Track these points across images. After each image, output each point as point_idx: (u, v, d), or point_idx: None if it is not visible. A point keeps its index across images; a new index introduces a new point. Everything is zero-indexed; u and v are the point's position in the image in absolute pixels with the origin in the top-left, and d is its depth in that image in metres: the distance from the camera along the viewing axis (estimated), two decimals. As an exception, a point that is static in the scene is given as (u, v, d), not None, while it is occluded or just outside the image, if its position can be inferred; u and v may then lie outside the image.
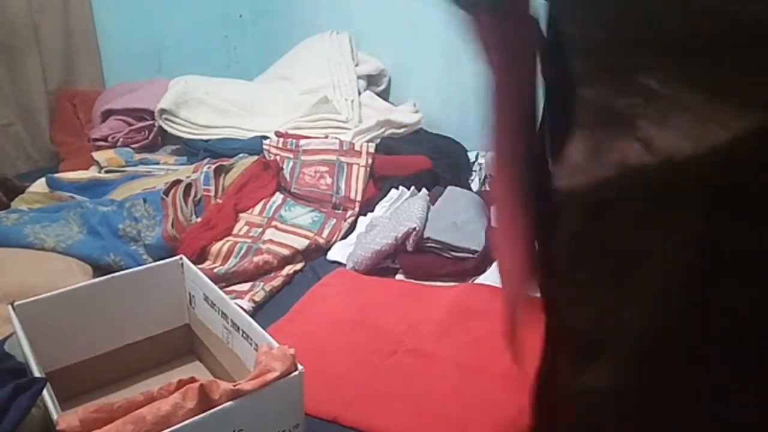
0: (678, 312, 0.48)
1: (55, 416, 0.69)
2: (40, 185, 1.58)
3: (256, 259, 1.29)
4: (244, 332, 0.88)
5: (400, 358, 1.05)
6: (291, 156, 1.63)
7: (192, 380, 0.73)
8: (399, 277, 1.30)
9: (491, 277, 1.25)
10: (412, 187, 1.54)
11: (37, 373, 0.77)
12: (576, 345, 0.55)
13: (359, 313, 1.16)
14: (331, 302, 1.19)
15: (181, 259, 1.03)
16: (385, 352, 1.06)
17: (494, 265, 1.31)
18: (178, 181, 1.48)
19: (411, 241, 1.28)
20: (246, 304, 1.16)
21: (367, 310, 1.17)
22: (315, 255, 1.37)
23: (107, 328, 0.98)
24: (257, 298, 1.19)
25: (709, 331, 0.48)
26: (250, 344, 0.87)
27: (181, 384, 0.73)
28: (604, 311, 0.51)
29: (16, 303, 0.88)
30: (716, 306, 0.46)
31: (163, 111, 1.81)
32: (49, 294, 0.92)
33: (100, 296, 0.96)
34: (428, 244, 1.30)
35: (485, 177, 1.61)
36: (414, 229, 1.28)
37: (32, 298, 0.90)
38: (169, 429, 0.68)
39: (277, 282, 1.26)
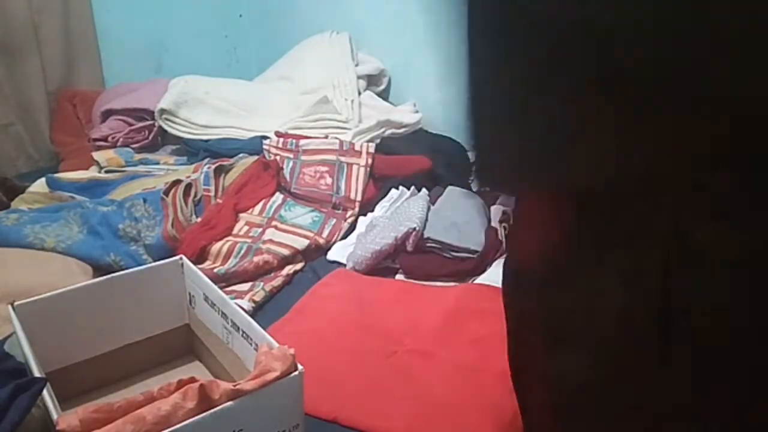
0: (643, 309, 0.49)
1: (55, 416, 0.69)
2: (40, 185, 1.58)
3: (256, 259, 1.29)
4: (244, 332, 0.88)
5: (400, 358, 1.05)
6: (291, 156, 1.63)
7: (192, 380, 0.73)
8: (399, 277, 1.30)
9: (491, 277, 1.25)
10: (412, 187, 1.54)
11: (37, 373, 0.77)
12: (549, 332, 0.57)
13: (359, 313, 1.16)
14: (331, 302, 1.19)
15: (181, 259, 1.03)
16: (385, 352, 1.06)
17: (494, 264, 1.31)
18: (178, 181, 1.48)
19: (411, 241, 1.28)
20: (246, 304, 1.16)
21: (368, 310, 1.17)
22: (315, 255, 1.37)
23: (107, 328, 0.98)
24: (257, 298, 1.19)
25: (671, 331, 0.49)
26: (250, 344, 0.87)
27: (181, 384, 0.73)
28: (577, 302, 0.53)
29: (16, 303, 0.88)
30: (678, 303, 0.48)
31: (163, 111, 1.81)
32: (49, 294, 0.92)
33: (100, 296, 0.96)
34: (428, 244, 1.30)
35: (485, 177, 1.61)
36: (414, 229, 1.28)
37: (32, 298, 0.90)
38: (169, 429, 0.68)
39: (277, 282, 1.26)
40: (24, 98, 1.97)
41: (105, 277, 0.99)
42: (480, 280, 1.25)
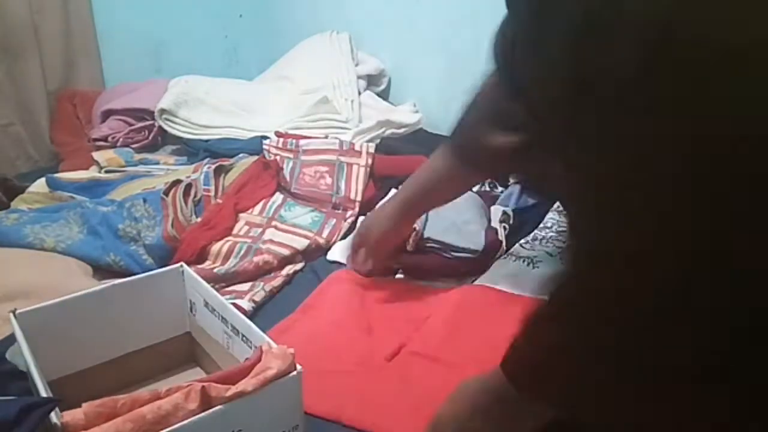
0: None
1: (55, 421, 0.68)
2: (40, 185, 1.58)
3: (256, 259, 1.29)
4: (243, 336, 0.88)
5: (403, 359, 1.05)
6: (291, 156, 1.63)
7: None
8: (399, 276, 1.30)
9: (491, 277, 1.25)
10: (412, 188, 1.53)
11: (39, 382, 0.76)
12: None
13: (363, 314, 1.16)
14: (336, 302, 1.19)
15: (181, 266, 1.02)
16: (388, 353, 1.06)
17: (494, 265, 1.31)
18: (178, 181, 1.47)
19: (411, 241, 1.28)
20: (246, 304, 1.16)
21: (372, 311, 1.17)
22: (315, 255, 1.37)
23: (109, 337, 0.97)
24: (257, 298, 1.19)
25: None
26: (250, 347, 0.87)
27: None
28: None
29: (17, 311, 0.88)
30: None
31: (163, 111, 1.81)
32: (50, 302, 0.91)
33: (102, 305, 0.95)
34: (428, 244, 1.29)
35: (485, 177, 1.61)
36: (414, 229, 1.28)
37: (34, 306, 0.89)
38: (168, 429, 0.68)
39: (277, 282, 1.26)
40: (24, 98, 1.97)
41: (105, 285, 0.99)
42: (480, 280, 1.25)
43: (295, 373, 0.78)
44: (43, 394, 0.74)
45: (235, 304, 1.00)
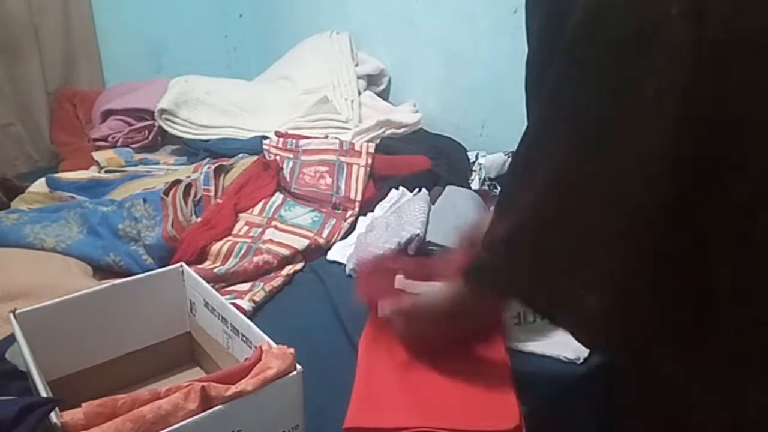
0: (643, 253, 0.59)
1: (55, 421, 0.68)
2: (40, 185, 1.58)
3: (256, 259, 1.29)
4: (243, 336, 0.88)
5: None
6: (291, 156, 1.63)
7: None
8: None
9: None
10: (415, 189, 1.53)
11: (39, 382, 0.76)
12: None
13: None
14: None
15: (181, 266, 1.02)
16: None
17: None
18: (178, 181, 1.47)
19: (413, 246, 1.27)
20: (246, 304, 1.16)
21: None
22: (315, 255, 1.37)
23: (108, 337, 0.97)
24: (257, 298, 1.19)
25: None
26: (250, 347, 0.87)
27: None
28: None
29: (17, 311, 0.87)
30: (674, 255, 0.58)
31: (163, 111, 1.81)
32: (50, 302, 0.91)
33: (102, 305, 0.95)
34: (430, 248, 1.29)
35: (485, 177, 1.61)
36: (417, 235, 1.27)
37: (33, 306, 0.89)
38: (168, 429, 0.68)
39: (277, 282, 1.25)
40: (24, 98, 1.97)
41: (105, 285, 0.98)
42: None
43: (295, 373, 0.78)
44: (43, 394, 0.74)
45: (235, 304, 1.00)
